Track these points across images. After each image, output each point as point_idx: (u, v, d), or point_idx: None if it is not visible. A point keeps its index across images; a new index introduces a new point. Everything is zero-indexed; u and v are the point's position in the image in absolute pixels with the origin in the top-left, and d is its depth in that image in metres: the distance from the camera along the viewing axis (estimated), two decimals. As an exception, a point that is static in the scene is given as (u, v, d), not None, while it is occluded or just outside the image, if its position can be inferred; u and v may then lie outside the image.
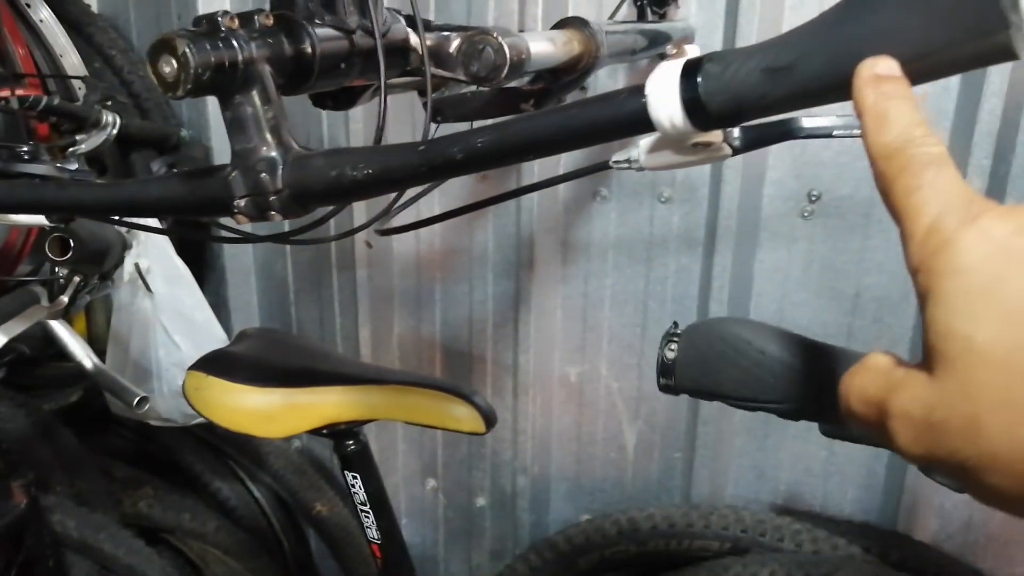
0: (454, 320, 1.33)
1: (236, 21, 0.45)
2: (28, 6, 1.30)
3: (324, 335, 1.43)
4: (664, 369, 0.58)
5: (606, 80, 1.12)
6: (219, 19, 0.44)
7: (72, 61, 1.34)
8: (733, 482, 1.23)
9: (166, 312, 1.20)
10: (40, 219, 0.98)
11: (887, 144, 0.27)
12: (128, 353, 1.23)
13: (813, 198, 1.08)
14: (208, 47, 0.42)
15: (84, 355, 1.13)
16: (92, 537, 1.22)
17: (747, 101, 0.33)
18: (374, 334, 1.39)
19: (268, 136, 0.46)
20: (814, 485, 1.19)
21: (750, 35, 1.04)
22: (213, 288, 1.42)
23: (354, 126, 1.27)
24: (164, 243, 1.21)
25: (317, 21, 0.50)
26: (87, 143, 1.19)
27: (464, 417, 0.91)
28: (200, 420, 1.26)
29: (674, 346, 0.57)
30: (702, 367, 0.56)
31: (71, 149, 1.18)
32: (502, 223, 1.25)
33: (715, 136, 0.49)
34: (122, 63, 1.37)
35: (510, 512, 1.40)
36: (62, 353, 1.11)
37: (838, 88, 0.31)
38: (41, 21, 1.32)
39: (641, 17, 1.05)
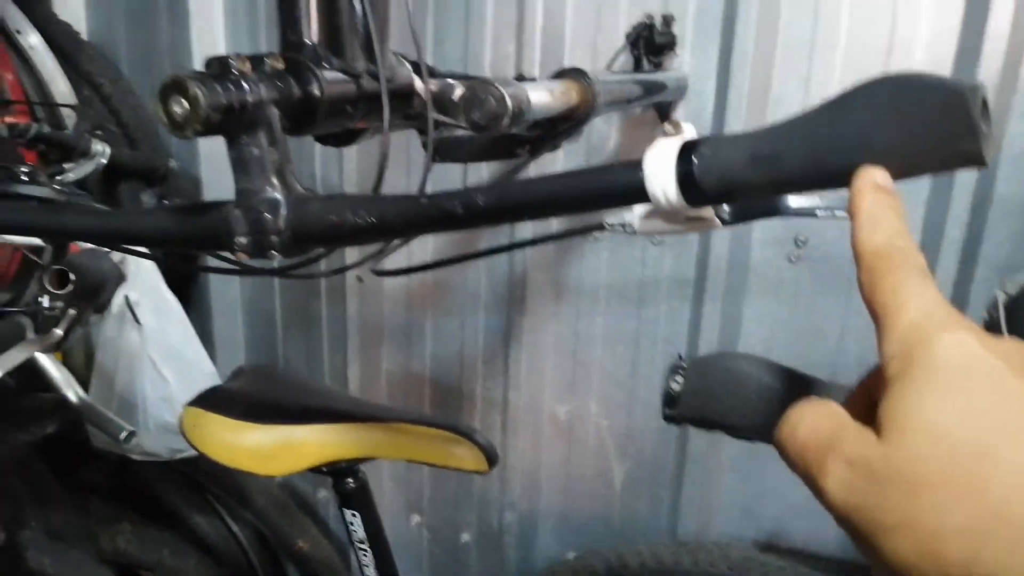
0: (444, 356, 1.34)
1: (248, 64, 0.46)
2: (18, 32, 1.29)
3: (312, 372, 1.42)
4: (669, 400, 0.60)
5: (602, 125, 1.15)
6: (231, 61, 0.45)
7: (61, 88, 1.32)
8: (719, 519, 1.25)
9: (154, 345, 1.18)
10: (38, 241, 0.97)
11: (878, 245, 0.30)
12: (113, 386, 1.20)
13: (800, 243, 1.12)
14: (219, 89, 0.43)
15: (69, 388, 1.11)
16: (68, 574, 1.18)
17: (736, 184, 0.35)
18: (363, 370, 1.39)
19: (272, 177, 0.46)
20: (798, 522, 1.21)
21: (742, 84, 1.07)
22: (199, 323, 1.40)
23: (347, 166, 1.28)
24: (154, 276, 1.20)
25: (325, 64, 0.51)
26: (75, 172, 1.17)
27: (466, 456, 0.91)
28: (184, 454, 1.24)
29: (679, 378, 0.60)
30: (706, 398, 0.59)
31: (58, 178, 1.16)
32: (495, 260, 1.26)
33: (706, 211, 0.52)
34: (111, 91, 1.36)
35: (496, 548, 1.39)
36: (41, 385, 1.09)
37: (818, 180, 0.34)
38: (31, 47, 1.30)
39: (638, 66, 1.08)
